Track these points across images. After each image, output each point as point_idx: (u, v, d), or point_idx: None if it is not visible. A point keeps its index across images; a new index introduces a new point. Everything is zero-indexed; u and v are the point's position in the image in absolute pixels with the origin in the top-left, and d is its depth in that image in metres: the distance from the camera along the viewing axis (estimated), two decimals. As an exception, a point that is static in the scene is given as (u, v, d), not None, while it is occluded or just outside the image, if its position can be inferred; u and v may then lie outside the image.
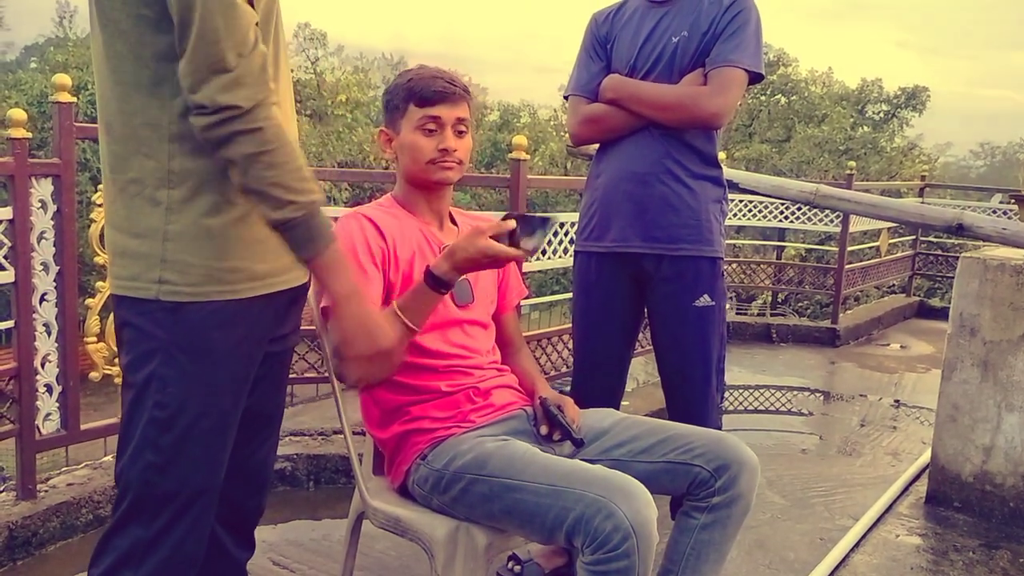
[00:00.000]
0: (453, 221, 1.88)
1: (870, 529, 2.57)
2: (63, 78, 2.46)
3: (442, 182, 1.77)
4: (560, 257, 3.61)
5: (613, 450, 1.72)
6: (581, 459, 1.67)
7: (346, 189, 17.10)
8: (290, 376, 3.14)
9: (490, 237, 1.54)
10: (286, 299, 1.39)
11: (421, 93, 1.72)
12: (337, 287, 1.26)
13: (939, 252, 7.72)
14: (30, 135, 2.42)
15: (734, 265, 6.33)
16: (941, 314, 6.92)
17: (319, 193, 1.21)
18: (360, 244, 1.67)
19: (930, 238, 7.63)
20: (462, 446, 1.65)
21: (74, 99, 2.49)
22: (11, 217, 2.37)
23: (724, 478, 1.63)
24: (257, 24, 1.19)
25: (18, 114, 2.39)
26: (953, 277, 2.74)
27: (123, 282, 1.26)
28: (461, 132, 1.76)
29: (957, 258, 2.77)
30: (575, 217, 2.56)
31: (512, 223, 1.56)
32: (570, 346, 3.45)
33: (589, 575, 1.45)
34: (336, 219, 1.74)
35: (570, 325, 2.58)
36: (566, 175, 17.87)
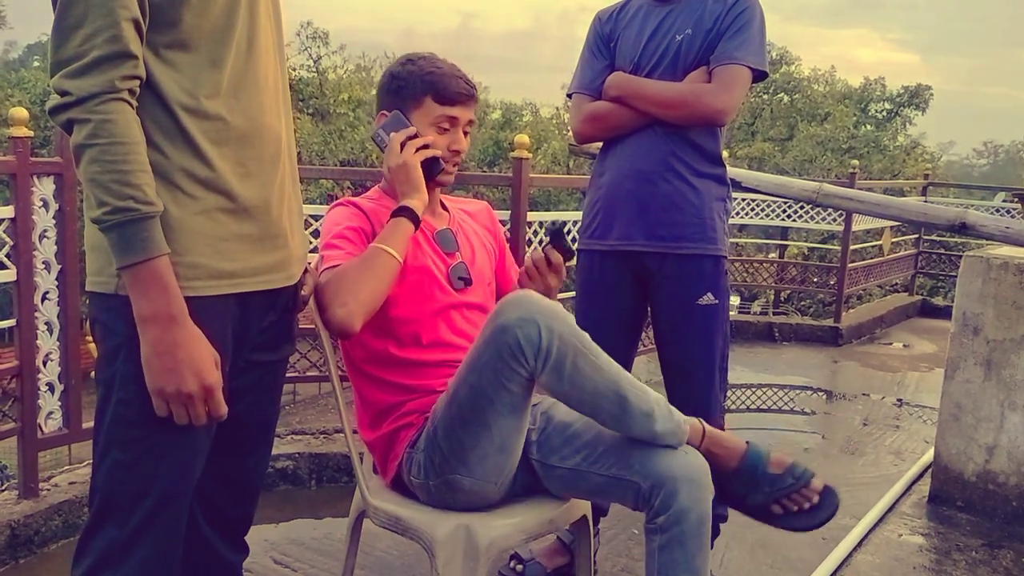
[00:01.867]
0: (444, 208, 1.89)
1: (873, 528, 2.56)
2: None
3: (442, 183, 1.79)
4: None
5: (569, 458, 1.65)
6: (541, 462, 1.66)
7: (348, 188, 17.09)
8: (292, 375, 3.18)
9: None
10: (265, 302, 1.35)
11: (444, 91, 1.73)
12: (142, 307, 1.15)
13: (942, 251, 7.71)
14: (32, 134, 2.42)
15: (736, 264, 6.32)
16: (944, 313, 6.91)
17: (149, 204, 1.14)
18: (344, 223, 1.71)
19: (933, 237, 7.62)
20: (430, 417, 1.67)
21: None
22: (13, 216, 2.37)
23: (661, 495, 1.53)
24: (135, 20, 1.14)
25: (20, 113, 2.39)
26: (956, 276, 2.73)
27: (91, 277, 1.25)
28: (467, 133, 1.80)
29: (960, 257, 2.76)
30: (578, 216, 2.56)
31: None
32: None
33: (550, 385, 1.52)
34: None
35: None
36: (568, 174, 17.85)
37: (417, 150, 1.71)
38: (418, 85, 1.74)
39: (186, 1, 1.19)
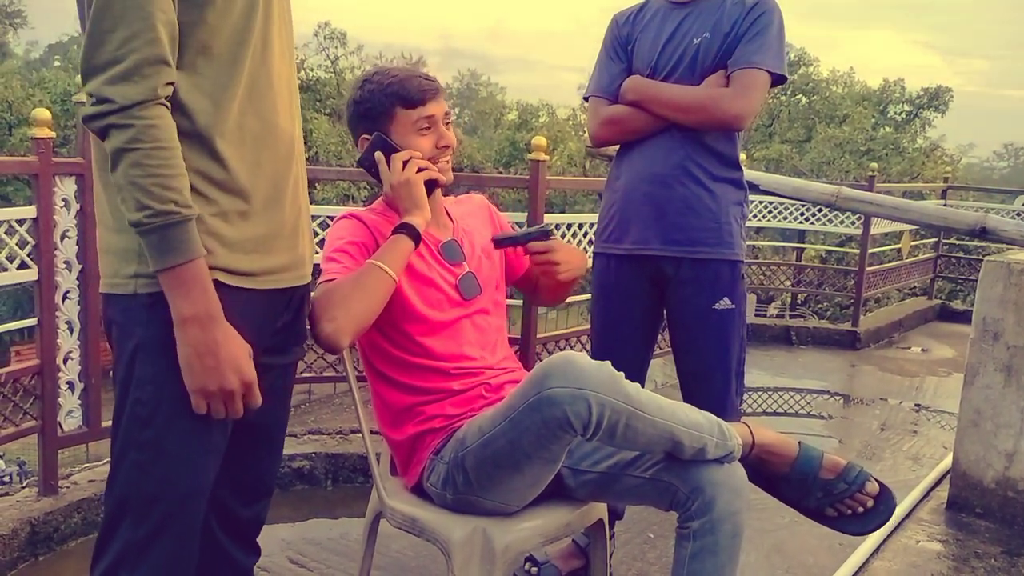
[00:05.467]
0: (449, 216, 1.88)
1: (890, 534, 2.54)
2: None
3: (441, 185, 1.78)
4: (578, 258, 3.60)
5: (602, 461, 1.66)
6: (572, 468, 1.67)
7: (365, 188, 17.18)
8: (308, 375, 3.19)
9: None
10: (279, 302, 1.36)
11: (408, 95, 1.71)
12: (182, 307, 1.17)
13: (961, 254, 7.64)
14: (54, 135, 2.45)
15: (753, 266, 6.29)
16: (963, 317, 6.85)
17: (188, 207, 1.16)
18: (346, 237, 1.71)
19: (952, 240, 7.56)
20: (459, 434, 1.66)
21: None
22: (35, 216, 2.39)
23: (699, 501, 1.53)
24: (171, 23, 1.14)
25: (43, 114, 2.42)
26: (975, 280, 2.71)
27: (106, 279, 1.26)
28: (448, 125, 1.78)
29: (979, 260, 2.74)
30: (594, 218, 2.56)
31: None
32: (588, 347, 3.45)
33: (602, 443, 1.54)
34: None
35: (587, 326, 2.57)
36: (584, 174, 17.86)
37: (419, 170, 1.70)
38: (383, 100, 1.72)
39: (211, 1, 1.19)
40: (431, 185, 1.73)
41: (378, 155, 1.72)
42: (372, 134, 1.73)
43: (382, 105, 1.72)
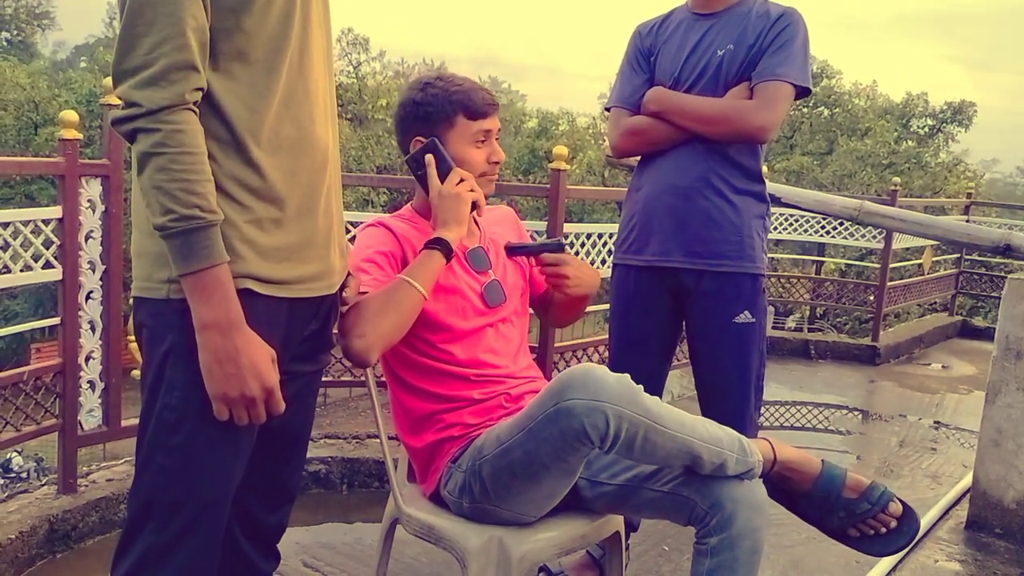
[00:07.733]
0: (476, 224, 1.88)
1: (908, 553, 2.52)
2: (114, 80, 2.51)
3: (487, 195, 1.78)
4: (597, 267, 3.60)
5: (621, 474, 1.65)
6: (589, 480, 1.66)
7: (384, 192, 17.26)
8: (326, 380, 3.20)
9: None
10: (308, 310, 1.36)
11: (474, 106, 1.73)
12: (203, 313, 1.17)
13: (983, 271, 7.57)
14: (81, 136, 2.47)
15: (772, 279, 6.26)
16: (984, 334, 6.77)
17: (213, 213, 1.16)
18: (375, 247, 1.70)
19: (974, 256, 7.49)
20: (477, 443, 1.66)
21: (124, 101, 2.53)
22: (60, 216, 2.42)
23: (718, 517, 1.52)
24: (201, 29, 1.15)
25: (70, 116, 2.45)
26: (997, 296, 2.69)
27: (139, 282, 1.26)
28: (497, 140, 1.80)
29: (1002, 277, 2.73)
30: (613, 228, 2.55)
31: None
32: (605, 357, 3.44)
33: (620, 456, 1.54)
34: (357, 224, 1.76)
35: (605, 336, 2.57)
36: (603, 183, 17.83)
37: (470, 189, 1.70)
38: (446, 106, 1.73)
39: (247, 8, 1.20)
40: (471, 207, 1.73)
41: (428, 158, 1.72)
42: (427, 137, 1.73)
43: (444, 111, 1.73)
